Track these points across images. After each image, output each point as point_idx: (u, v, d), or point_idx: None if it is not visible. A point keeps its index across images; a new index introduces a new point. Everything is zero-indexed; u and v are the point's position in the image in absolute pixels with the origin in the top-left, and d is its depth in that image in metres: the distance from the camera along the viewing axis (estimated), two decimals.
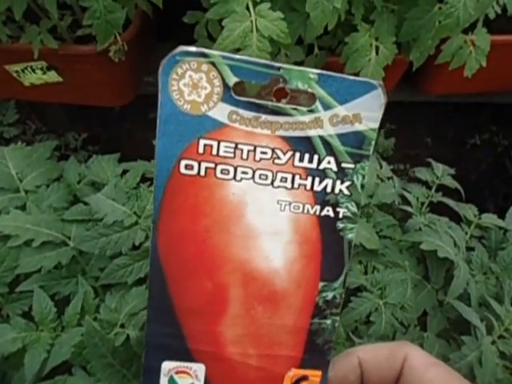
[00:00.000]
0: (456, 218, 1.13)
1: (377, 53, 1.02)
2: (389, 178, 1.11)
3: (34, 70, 1.17)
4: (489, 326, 0.93)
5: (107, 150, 1.09)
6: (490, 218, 1.12)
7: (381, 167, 1.12)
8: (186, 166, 0.42)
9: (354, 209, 0.46)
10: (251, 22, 0.88)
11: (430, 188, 1.15)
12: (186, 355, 0.47)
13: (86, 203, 0.91)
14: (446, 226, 1.05)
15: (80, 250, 0.86)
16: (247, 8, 0.89)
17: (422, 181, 1.17)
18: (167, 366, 0.47)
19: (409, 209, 1.08)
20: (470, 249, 1.07)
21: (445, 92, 1.42)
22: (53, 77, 1.19)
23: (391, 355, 0.48)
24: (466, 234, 1.08)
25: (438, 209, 1.15)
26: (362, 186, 0.45)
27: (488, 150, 1.91)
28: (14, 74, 1.19)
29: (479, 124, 1.91)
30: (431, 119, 1.87)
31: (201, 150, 0.42)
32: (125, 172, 1.00)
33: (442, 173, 1.15)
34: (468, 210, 1.12)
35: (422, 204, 1.12)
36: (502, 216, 1.14)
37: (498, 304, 0.95)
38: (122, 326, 0.78)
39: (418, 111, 1.79)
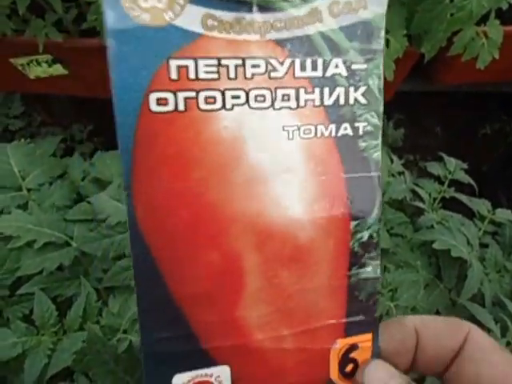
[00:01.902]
0: (468, 212, 1.11)
1: (387, 45, 1.00)
2: (400, 173, 1.09)
3: (39, 63, 1.16)
4: (503, 326, 0.91)
5: (112, 142, 1.07)
6: (504, 214, 1.09)
7: (392, 162, 1.10)
8: (158, 101, 0.32)
9: (375, 120, 0.38)
10: None
11: (442, 183, 1.12)
12: (202, 359, 0.37)
13: (89, 202, 0.89)
14: (459, 222, 1.02)
15: (83, 251, 0.84)
16: None
17: (434, 175, 1.14)
18: (179, 380, 0.36)
19: (421, 205, 1.05)
20: (483, 245, 1.05)
21: (456, 82, 1.40)
22: (58, 70, 1.18)
23: (453, 327, 0.42)
24: (480, 229, 1.06)
25: (449, 203, 1.12)
26: (380, 90, 0.38)
27: (499, 140, 1.89)
28: (20, 68, 1.17)
29: (490, 113, 1.89)
30: (441, 109, 1.85)
31: (174, 76, 0.32)
32: None
33: (454, 167, 1.13)
34: (481, 205, 1.09)
35: (434, 199, 1.10)
36: None
37: None
38: (125, 331, 0.76)
39: (428, 101, 1.77)
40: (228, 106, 0.34)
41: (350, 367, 0.40)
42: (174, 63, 0.32)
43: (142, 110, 0.32)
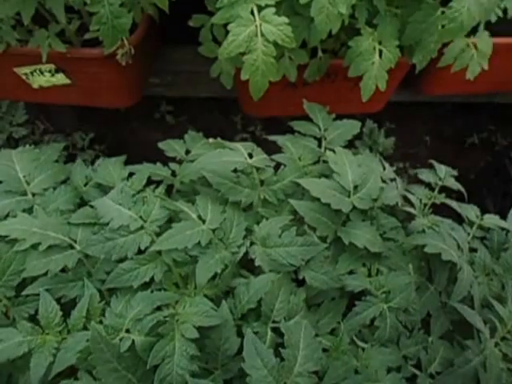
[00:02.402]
0: (457, 218, 1.13)
1: (380, 56, 1.03)
2: (392, 180, 1.11)
3: (42, 73, 1.18)
4: (492, 327, 0.93)
5: (113, 150, 1.10)
6: (492, 219, 1.12)
7: (384, 169, 1.12)
8: None
9: None
10: (256, 26, 0.89)
11: (432, 189, 1.15)
12: None
13: (92, 206, 0.91)
14: (449, 227, 1.05)
15: (86, 254, 0.86)
16: (252, 13, 0.90)
17: (424, 182, 1.17)
18: None
19: (412, 210, 1.08)
20: (472, 250, 1.07)
21: (445, 93, 1.42)
22: (61, 79, 1.20)
23: None
24: (469, 234, 1.09)
25: (438, 209, 1.15)
26: None
27: (486, 149, 1.92)
28: (23, 77, 1.20)
29: (478, 123, 1.92)
30: (430, 118, 1.88)
31: None
32: (131, 174, 1.01)
33: (444, 174, 1.15)
34: (470, 211, 1.12)
35: (425, 205, 1.13)
36: (502, 215, 1.14)
37: (501, 305, 0.95)
38: (128, 331, 0.78)
39: (418, 111, 1.80)
40: None
41: None
42: None
43: None
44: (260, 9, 0.90)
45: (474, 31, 1.07)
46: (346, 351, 0.88)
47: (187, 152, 1.07)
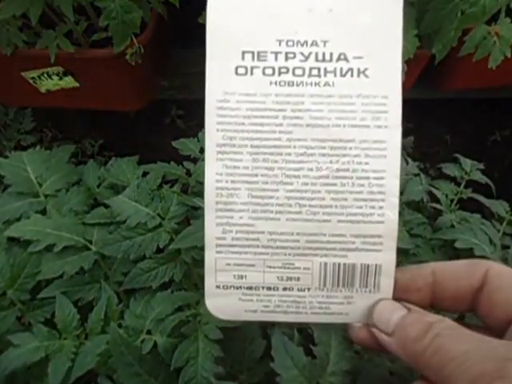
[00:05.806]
0: (483, 214, 1.09)
1: None
2: (415, 175, 1.08)
3: (50, 76, 1.16)
4: None
5: (123, 156, 1.07)
6: None
7: (407, 163, 1.09)
8: None
9: None
10: None
11: (458, 184, 1.11)
12: None
13: (106, 206, 0.89)
14: (479, 222, 1.01)
15: (102, 254, 0.83)
16: None
17: (449, 177, 1.13)
18: None
19: (438, 206, 1.04)
20: (504, 247, 1.03)
21: (465, 87, 1.39)
22: (69, 82, 1.19)
23: (471, 266, 0.47)
24: (498, 231, 1.05)
25: (463, 205, 1.11)
26: None
27: (510, 147, 1.89)
28: (31, 81, 1.18)
29: (499, 120, 1.89)
30: (450, 116, 1.85)
31: None
32: (145, 174, 0.98)
33: (470, 167, 1.12)
34: (500, 207, 1.08)
35: (451, 201, 1.09)
36: None
37: None
38: (149, 332, 0.75)
39: (436, 109, 1.77)
40: None
41: None
42: None
43: None
44: None
45: (494, 18, 1.04)
46: (379, 353, 0.85)
47: (201, 151, 1.04)
